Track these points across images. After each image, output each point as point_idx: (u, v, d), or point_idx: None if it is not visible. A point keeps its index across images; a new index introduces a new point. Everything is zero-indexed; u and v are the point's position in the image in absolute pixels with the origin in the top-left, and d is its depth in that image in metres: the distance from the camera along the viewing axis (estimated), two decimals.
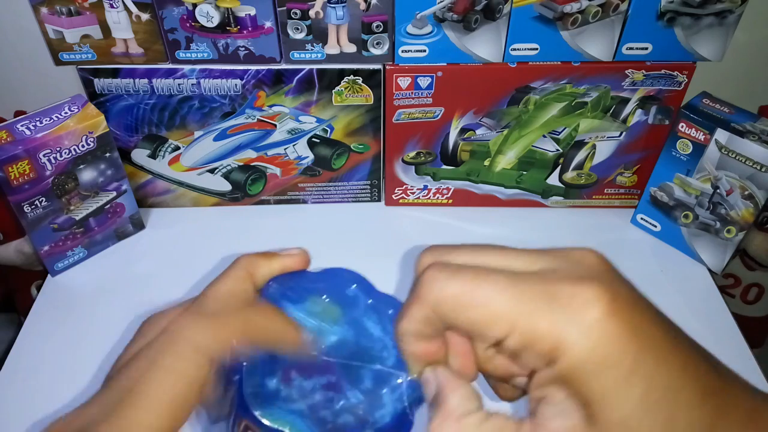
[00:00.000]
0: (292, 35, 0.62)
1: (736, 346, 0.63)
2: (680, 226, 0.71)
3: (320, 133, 0.71)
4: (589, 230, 0.75)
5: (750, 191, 0.63)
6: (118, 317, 0.64)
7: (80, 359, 0.61)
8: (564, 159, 0.72)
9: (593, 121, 0.68)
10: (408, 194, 0.76)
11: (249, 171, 0.74)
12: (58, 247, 0.67)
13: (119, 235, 0.72)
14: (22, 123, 0.61)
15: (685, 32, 0.62)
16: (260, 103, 0.67)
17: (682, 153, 0.66)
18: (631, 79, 0.65)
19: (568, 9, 0.60)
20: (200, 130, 0.69)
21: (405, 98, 0.66)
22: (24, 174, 0.60)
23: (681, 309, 0.66)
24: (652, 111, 0.68)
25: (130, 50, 0.63)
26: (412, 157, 0.72)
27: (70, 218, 0.66)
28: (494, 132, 0.69)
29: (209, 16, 0.61)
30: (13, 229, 0.76)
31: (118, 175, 0.67)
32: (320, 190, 0.77)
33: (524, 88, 0.66)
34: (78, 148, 0.62)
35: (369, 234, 0.74)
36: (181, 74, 0.65)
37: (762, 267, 0.86)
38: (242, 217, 0.76)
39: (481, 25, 0.61)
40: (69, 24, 0.61)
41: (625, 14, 0.61)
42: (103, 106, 0.67)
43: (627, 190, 0.75)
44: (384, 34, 0.62)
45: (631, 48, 0.63)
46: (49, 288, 0.68)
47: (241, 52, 0.64)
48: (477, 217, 0.76)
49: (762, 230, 0.82)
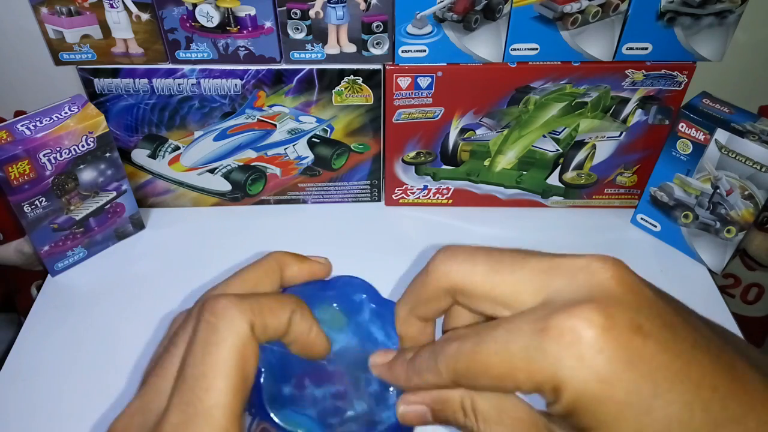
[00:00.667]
0: (292, 35, 0.62)
1: None
2: (680, 226, 0.71)
3: (320, 133, 0.71)
4: (589, 230, 0.75)
5: (750, 191, 0.63)
6: (118, 317, 0.64)
7: (80, 359, 0.61)
8: (564, 159, 0.72)
9: (593, 121, 0.68)
10: (408, 194, 0.76)
11: (249, 171, 0.74)
12: (58, 247, 0.67)
13: (119, 235, 0.72)
14: (22, 123, 0.61)
15: (685, 32, 0.62)
16: (260, 103, 0.67)
17: (682, 153, 0.66)
18: (631, 79, 0.65)
19: (568, 9, 0.60)
20: (200, 130, 0.69)
21: (405, 98, 0.66)
22: (24, 174, 0.60)
23: None
24: (652, 111, 0.68)
25: (130, 50, 0.63)
26: (412, 157, 0.72)
27: (70, 218, 0.66)
28: (494, 132, 0.69)
29: (209, 16, 0.61)
30: (13, 229, 0.76)
31: (118, 175, 0.67)
32: (320, 190, 0.77)
33: (524, 88, 0.66)
34: (78, 148, 0.62)
35: (369, 234, 0.74)
36: (181, 74, 0.65)
37: (762, 267, 0.86)
38: (242, 217, 0.76)
39: (481, 25, 0.61)
40: (69, 24, 0.61)
41: (625, 14, 0.61)
42: (103, 106, 0.67)
43: (627, 190, 0.75)
44: (384, 34, 0.62)
45: (631, 48, 0.63)
46: (49, 288, 0.68)
47: (241, 52, 0.64)
48: (477, 217, 0.76)
49: (762, 230, 0.82)
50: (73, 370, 0.60)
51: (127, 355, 0.60)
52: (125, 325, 0.63)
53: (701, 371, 0.20)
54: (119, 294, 0.67)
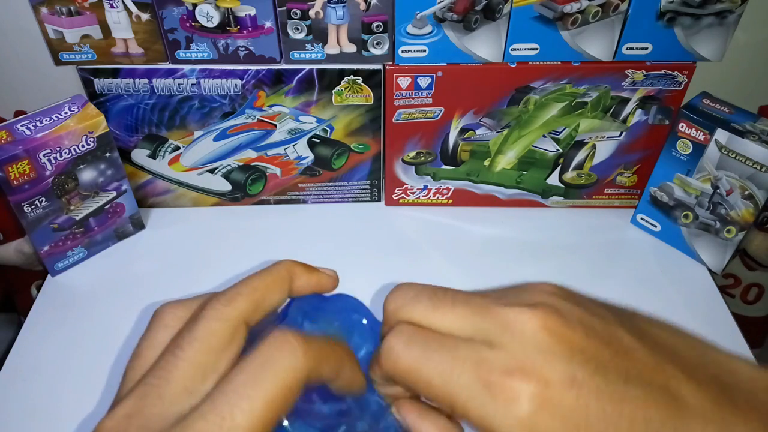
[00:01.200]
0: (292, 35, 0.62)
1: (736, 346, 0.63)
2: (680, 226, 0.71)
3: (320, 133, 0.71)
4: (589, 230, 0.75)
5: (750, 191, 0.63)
6: (118, 317, 0.64)
7: (80, 359, 0.61)
8: (564, 159, 0.72)
9: (593, 121, 0.68)
10: (408, 194, 0.76)
11: (249, 171, 0.74)
12: (58, 247, 0.67)
13: (119, 235, 0.72)
14: (22, 123, 0.61)
15: (685, 32, 0.62)
16: (260, 103, 0.67)
17: (682, 153, 0.66)
18: (631, 79, 0.65)
19: (568, 9, 0.60)
20: (200, 130, 0.69)
21: (405, 98, 0.66)
22: (24, 174, 0.60)
23: (681, 309, 0.66)
24: (652, 111, 0.68)
25: (130, 50, 0.63)
26: (412, 157, 0.72)
27: (70, 218, 0.66)
28: (494, 132, 0.69)
29: (209, 16, 0.61)
30: (13, 229, 0.76)
31: (118, 175, 0.67)
32: (320, 190, 0.77)
33: (524, 88, 0.66)
34: (78, 148, 0.62)
35: (369, 234, 0.74)
36: (181, 74, 0.65)
37: (762, 267, 0.86)
38: (242, 217, 0.76)
39: (481, 25, 0.61)
40: (69, 24, 0.61)
41: (625, 14, 0.61)
42: (103, 106, 0.67)
43: (627, 190, 0.75)
44: (384, 34, 0.62)
45: (631, 48, 0.63)
46: (49, 288, 0.68)
47: (241, 52, 0.64)
48: (477, 217, 0.76)
49: (762, 230, 0.82)
50: (73, 369, 0.60)
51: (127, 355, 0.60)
52: (125, 325, 0.63)
53: (633, 406, 0.22)
54: (119, 294, 0.67)
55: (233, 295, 0.27)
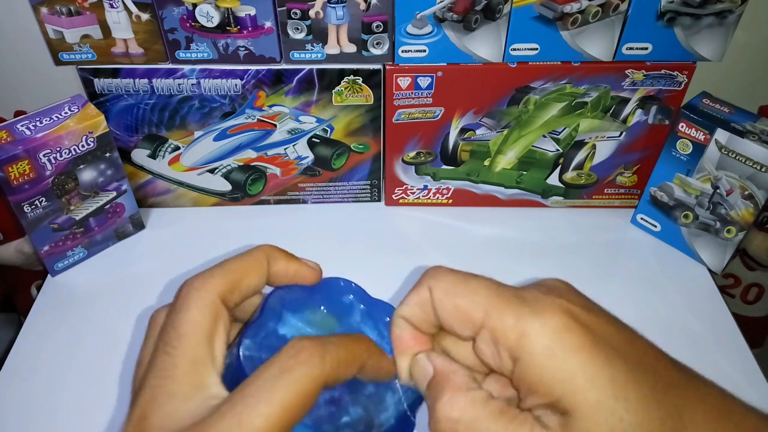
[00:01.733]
0: (292, 35, 0.62)
1: (736, 346, 0.63)
2: (680, 226, 0.71)
3: (320, 133, 0.71)
4: (589, 230, 0.75)
5: (750, 191, 0.63)
6: (118, 317, 0.64)
7: (80, 359, 0.61)
8: (564, 159, 0.72)
9: (593, 121, 0.68)
10: (408, 194, 0.76)
11: (249, 171, 0.74)
12: (58, 247, 0.67)
13: (119, 235, 0.72)
14: (22, 123, 0.61)
15: (685, 32, 0.62)
16: (260, 103, 0.67)
17: (682, 153, 0.66)
18: (631, 79, 0.65)
19: (568, 9, 0.60)
20: (200, 130, 0.69)
21: (405, 98, 0.66)
22: (24, 174, 0.60)
23: (681, 309, 0.66)
24: (652, 111, 0.68)
25: (130, 50, 0.63)
26: (412, 157, 0.72)
27: (70, 218, 0.66)
28: (494, 132, 0.69)
29: (209, 16, 0.61)
30: (13, 229, 0.76)
31: (118, 175, 0.67)
32: (320, 190, 0.77)
33: (524, 88, 0.66)
34: (78, 148, 0.62)
35: (369, 234, 0.74)
36: (181, 74, 0.65)
37: (762, 267, 0.86)
38: (242, 217, 0.76)
39: (481, 25, 0.61)
40: (69, 24, 0.61)
41: (625, 14, 0.61)
42: (103, 106, 0.67)
43: (627, 190, 0.75)
44: (384, 34, 0.62)
45: (631, 48, 0.63)
46: (49, 288, 0.68)
47: (241, 52, 0.64)
48: (477, 217, 0.76)
49: (762, 230, 0.82)
50: (73, 369, 0.60)
51: (127, 355, 0.60)
52: (125, 325, 0.63)
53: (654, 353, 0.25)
54: (119, 294, 0.67)
55: (206, 277, 0.28)
